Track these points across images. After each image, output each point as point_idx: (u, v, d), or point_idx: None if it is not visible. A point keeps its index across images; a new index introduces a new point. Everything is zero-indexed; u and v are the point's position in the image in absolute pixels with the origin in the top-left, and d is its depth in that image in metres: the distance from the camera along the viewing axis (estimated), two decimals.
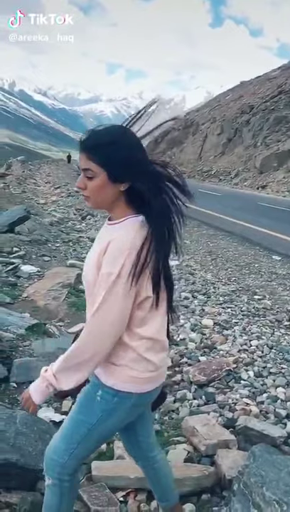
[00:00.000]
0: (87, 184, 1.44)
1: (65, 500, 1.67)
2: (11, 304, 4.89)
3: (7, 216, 9.06)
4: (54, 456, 1.62)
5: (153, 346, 1.53)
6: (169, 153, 43.81)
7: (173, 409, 3.09)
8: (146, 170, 1.44)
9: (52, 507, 1.68)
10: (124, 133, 1.45)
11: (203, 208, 14.67)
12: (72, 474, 1.63)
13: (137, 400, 1.55)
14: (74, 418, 1.60)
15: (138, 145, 1.45)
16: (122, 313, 1.42)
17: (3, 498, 2.08)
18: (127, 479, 2.26)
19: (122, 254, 1.37)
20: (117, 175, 1.41)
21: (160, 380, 1.62)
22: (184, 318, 4.89)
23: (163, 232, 1.45)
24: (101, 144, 1.41)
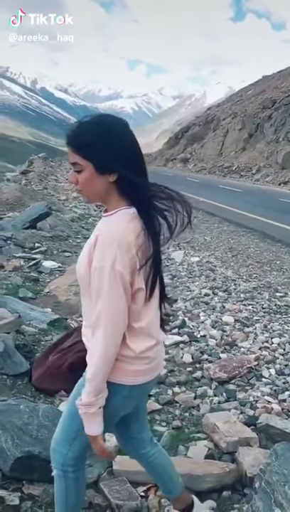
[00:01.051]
0: (77, 178, 1.44)
1: (71, 492, 1.68)
2: (33, 299, 4.95)
3: (29, 212, 9.16)
4: (56, 447, 1.65)
5: (145, 339, 1.52)
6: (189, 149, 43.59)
7: (193, 406, 3.08)
8: (133, 159, 1.42)
9: (60, 498, 1.70)
10: (109, 123, 1.42)
11: (224, 204, 14.58)
12: (75, 465, 1.65)
13: (130, 391, 1.54)
14: (70, 409, 1.61)
15: (124, 134, 1.42)
16: (126, 301, 1.42)
17: (26, 490, 2.12)
18: (148, 474, 2.26)
19: (112, 247, 1.36)
20: (103, 166, 1.39)
21: (155, 371, 1.61)
22: (204, 315, 4.88)
23: (154, 224, 1.44)
24: (84, 137, 1.40)
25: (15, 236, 7.67)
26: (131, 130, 1.46)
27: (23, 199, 12.38)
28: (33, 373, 1.76)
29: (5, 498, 2.02)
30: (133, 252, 1.38)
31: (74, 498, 1.70)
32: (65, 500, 1.69)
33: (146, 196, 1.43)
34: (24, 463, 2.15)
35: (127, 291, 1.41)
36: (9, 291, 5.01)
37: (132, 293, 1.44)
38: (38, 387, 1.77)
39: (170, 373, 3.53)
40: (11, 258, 6.34)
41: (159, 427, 2.82)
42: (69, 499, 1.69)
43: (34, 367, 1.79)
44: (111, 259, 1.35)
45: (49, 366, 1.73)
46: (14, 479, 2.15)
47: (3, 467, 2.16)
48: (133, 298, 1.46)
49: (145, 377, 1.56)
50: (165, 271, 6.87)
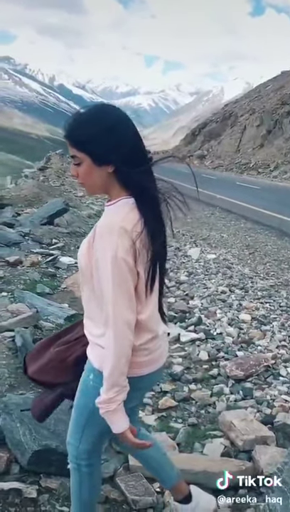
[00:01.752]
0: (77, 171, 1.43)
1: (85, 486, 1.68)
2: (50, 295, 4.99)
3: (47, 208, 9.23)
4: (70, 440, 1.66)
5: (145, 332, 1.49)
6: (206, 146, 43.33)
7: (209, 404, 3.07)
8: (131, 149, 1.39)
9: (75, 492, 1.72)
10: (104, 114, 1.40)
11: (241, 201, 14.47)
12: (88, 459, 1.65)
13: (136, 383, 1.51)
14: (77, 403, 1.61)
15: (121, 124, 1.40)
16: (132, 288, 1.39)
17: (44, 483, 2.14)
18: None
19: (111, 237, 1.34)
20: (100, 158, 1.38)
21: (157, 363, 1.59)
22: (221, 313, 4.85)
23: (152, 214, 1.41)
24: (79, 129, 1.39)
25: (33, 232, 7.74)
26: (129, 119, 1.43)
27: (41, 195, 12.47)
28: (29, 366, 1.72)
29: (23, 490, 2.05)
30: (133, 241, 1.35)
31: (88, 493, 1.71)
32: (79, 494, 1.71)
33: (142, 187, 1.40)
34: (41, 456, 2.17)
35: (133, 277, 1.39)
36: (27, 286, 5.06)
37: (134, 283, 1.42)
38: (36, 379, 1.74)
39: (186, 370, 3.53)
40: (29, 254, 6.40)
41: (175, 423, 2.83)
42: (83, 493, 1.70)
43: (29, 359, 1.76)
44: (113, 248, 1.33)
45: (51, 358, 1.68)
46: (32, 472, 2.18)
47: (21, 460, 2.19)
48: (135, 289, 1.43)
49: (148, 368, 1.54)
50: (182, 268, 6.85)
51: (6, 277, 5.26)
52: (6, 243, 6.79)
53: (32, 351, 1.79)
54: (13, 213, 10.01)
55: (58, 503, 2.05)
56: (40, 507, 2.01)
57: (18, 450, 2.20)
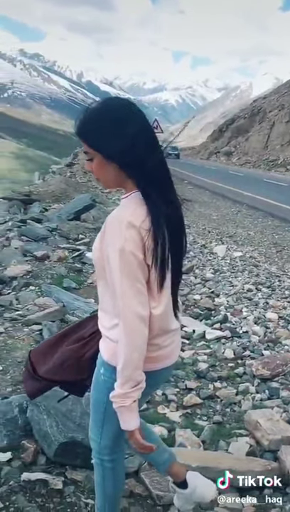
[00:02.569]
0: (91, 166, 1.43)
1: (108, 481, 1.69)
2: (76, 289, 5.05)
3: (74, 204, 9.32)
4: (91, 436, 1.67)
5: (155, 327, 1.45)
6: (233, 143, 42.88)
7: (235, 402, 3.05)
8: (139, 144, 1.35)
9: (99, 486, 1.72)
10: (113, 109, 1.38)
11: (268, 198, 14.26)
12: (111, 454, 1.65)
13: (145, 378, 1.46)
14: (92, 397, 1.61)
15: (129, 119, 1.37)
16: (142, 289, 1.37)
17: (69, 475, 2.17)
18: (188, 467, 2.26)
19: (120, 230, 1.33)
20: (108, 154, 1.37)
21: (167, 360, 1.56)
22: (247, 311, 4.81)
23: (160, 210, 1.37)
24: (88, 125, 1.38)
25: (60, 227, 7.83)
26: (138, 113, 1.40)
27: (68, 191, 12.62)
28: (38, 366, 1.68)
29: (49, 481, 2.08)
30: (142, 235, 1.34)
31: (112, 487, 1.72)
32: (102, 488, 1.72)
33: (149, 181, 1.38)
34: (68, 448, 2.20)
35: (143, 269, 1.36)
36: (54, 281, 5.13)
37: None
38: (49, 379, 1.70)
39: (211, 368, 3.51)
40: (56, 249, 6.48)
41: (200, 421, 2.82)
42: (106, 488, 1.71)
43: (36, 359, 1.72)
44: (121, 242, 1.32)
45: (67, 357, 1.66)
46: (58, 464, 2.21)
47: (47, 452, 2.22)
48: (147, 283, 1.40)
49: (157, 365, 1.52)
50: (207, 265, 6.81)
51: (33, 271, 5.34)
52: (34, 238, 6.90)
53: (37, 351, 1.75)
54: (40, 209, 10.16)
55: (83, 495, 2.08)
56: (66, 498, 2.04)
57: (45, 442, 2.24)
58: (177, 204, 1.48)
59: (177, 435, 2.55)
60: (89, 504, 2.02)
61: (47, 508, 1.98)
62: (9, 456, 2.21)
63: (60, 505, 2.01)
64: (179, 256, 1.52)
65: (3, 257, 6.08)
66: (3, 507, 1.91)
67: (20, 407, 2.43)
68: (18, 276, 5.17)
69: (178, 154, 42.63)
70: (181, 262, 1.55)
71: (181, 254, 1.54)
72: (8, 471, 2.12)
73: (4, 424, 2.33)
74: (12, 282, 5.06)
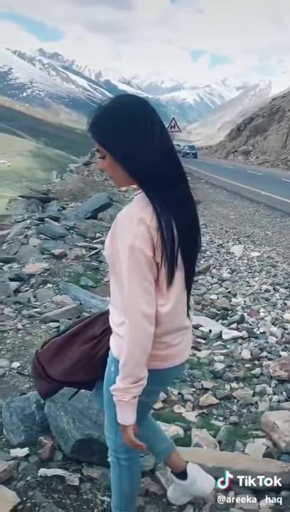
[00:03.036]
0: (104, 164, 1.43)
1: (125, 480, 1.69)
2: (93, 288, 5.07)
3: (91, 203, 9.37)
4: (108, 434, 1.67)
5: (164, 325, 1.45)
6: (252, 142, 42.51)
7: (251, 403, 3.02)
8: (146, 144, 1.33)
9: (115, 484, 1.73)
10: (123, 108, 1.37)
11: (287, 198, 14.11)
12: (127, 453, 1.65)
13: (149, 376, 1.45)
14: (105, 396, 1.60)
15: (139, 117, 1.35)
16: (149, 286, 1.36)
17: (86, 472, 2.18)
18: (204, 467, 2.26)
19: (130, 227, 1.33)
20: (114, 155, 1.37)
21: (176, 359, 1.54)
22: (264, 312, 4.77)
23: (163, 210, 1.34)
24: (98, 124, 1.38)
25: (77, 226, 7.88)
26: (151, 111, 1.39)
27: (85, 190, 12.69)
28: (50, 368, 1.67)
29: (66, 478, 2.09)
30: (152, 232, 1.33)
31: (129, 486, 1.72)
32: (119, 486, 1.73)
33: (152, 183, 1.37)
34: (84, 445, 2.21)
35: (151, 267, 1.36)
36: (71, 278, 5.16)
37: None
38: (63, 381, 1.67)
39: (228, 368, 3.49)
40: (73, 247, 6.52)
41: (216, 421, 2.80)
42: (123, 486, 1.72)
43: (47, 362, 1.70)
44: (130, 238, 1.32)
45: (80, 357, 1.65)
46: (74, 460, 2.22)
47: (64, 448, 2.24)
48: (156, 281, 1.40)
49: (163, 363, 1.51)
50: (224, 265, 6.78)
51: (51, 269, 5.39)
52: (51, 236, 6.96)
53: (46, 353, 1.71)
54: (58, 207, 10.24)
55: (100, 492, 2.08)
56: (82, 495, 2.05)
57: (62, 438, 2.25)
58: (188, 203, 1.46)
59: (193, 435, 2.54)
60: (105, 502, 2.03)
61: (63, 504, 2.00)
62: (26, 452, 2.24)
63: (76, 502, 2.02)
64: (193, 255, 1.51)
65: (22, 254, 6.15)
66: (21, 502, 1.93)
67: (37, 403, 2.45)
68: (36, 274, 5.22)
69: (196, 153, 42.47)
70: (195, 260, 1.54)
71: (195, 253, 1.52)
72: (25, 467, 2.15)
73: (22, 420, 2.36)
74: (30, 280, 5.11)
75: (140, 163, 1.35)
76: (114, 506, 1.78)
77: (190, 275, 1.52)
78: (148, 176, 1.37)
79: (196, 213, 1.51)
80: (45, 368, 1.69)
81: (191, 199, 1.48)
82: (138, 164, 1.36)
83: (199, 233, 1.52)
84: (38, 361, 1.71)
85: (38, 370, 1.73)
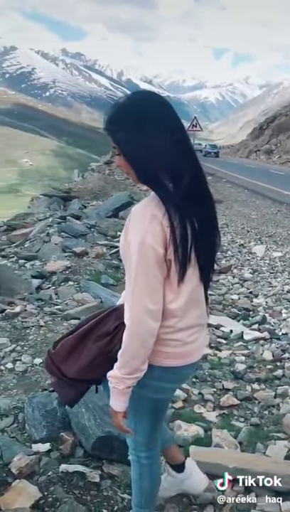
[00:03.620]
0: (121, 161, 1.42)
1: (145, 478, 1.70)
2: (114, 286, 5.09)
3: (112, 202, 9.40)
4: (127, 433, 1.65)
5: (175, 324, 1.44)
6: (274, 141, 41.99)
7: (273, 405, 2.99)
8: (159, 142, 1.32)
9: (135, 482, 1.73)
10: (138, 105, 1.36)
11: None
12: (147, 451, 1.66)
13: (162, 374, 1.48)
14: None
15: (152, 117, 1.34)
16: (159, 274, 1.35)
17: (106, 469, 2.19)
18: (225, 468, 2.24)
19: (143, 221, 1.32)
20: (126, 154, 1.37)
21: (189, 357, 1.52)
22: (287, 313, 4.71)
23: (175, 209, 1.33)
24: (113, 122, 1.37)
25: (98, 224, 7.92)
26: (165, 108, 1.38)
27: (106, 189, 12.75)
28: (65, 367, 1.66)
29: (86, 474, 2.11)
30: (165, 228, 1.33)
31: (149, 484, 1.73)
32: (139, 484, 1.73)
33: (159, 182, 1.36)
34: (105, 442, 2.22)
35: (161, 265, 1.35)
36: (92, 277, 5.19)
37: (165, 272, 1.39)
38: (80, 379, 1.66)
39: (249, 369, 3.45)
40: (94, 245, 6.56)
41: (237, 422, 2.78)
42: (143, 484, 1.72)
43: (60, 361, 1.69)
44: (142, 233, 1.32)
45: (96, 354, 1.64)
46: (95, 457, 2.24)
47: (85, 445, 2.25)
48: (167, 277, 1.39)
49: (177, 361, 1.49)
50: (246, 265, 6.72)
51: (72, 267, 5.43)
52: (73, 234, 7.01)
53: (60, 353, 1.69)
54: (79, 206, 10.31)
55: (120, 489, 2.09)
56: (103, 492, 2.06)
57: (83, 435, 2.27)
58: (205, 201, 1.44)
59: (213, 435, 2.53)
60: (125, 499, 2.03)
61: (84, 500, 2.01)
62: (48, 447, 2.26)
63: (96, 498, 2.03)
64: (209, 253, 1.50)
65: (44, 252, 6.21)
66: (42, 496, 1.95)
67: (59, 399, 2.47)
68: (57, 272, 5.27)
69: (218, 153, 42.04)
70: (212, 258, 1.52)
71: (212, 251, 1.51)
72: (46, 462, 2.17)
73: (44, 416, 2.38)
74: (52, 277, 5.16)
75: (149, 163, 1.34)
76: (135, 504, 1.79)
77: (207, 273, 1.51)
78: (158, 175, 1.35)
79: (214, 211, 1.49)
80: (60, 368, 1.68)
81: (209, 197, 1.47)
82: (147, 164, 1.35)
83: (217, 231, 1.51)
84: (52, 361, 1.70)
85: (52, 369, 1.72)
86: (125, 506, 2.00)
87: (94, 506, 1.99)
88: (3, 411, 2.53)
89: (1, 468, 2.13)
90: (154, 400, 1.55)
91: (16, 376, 2.99)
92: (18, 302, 4.37)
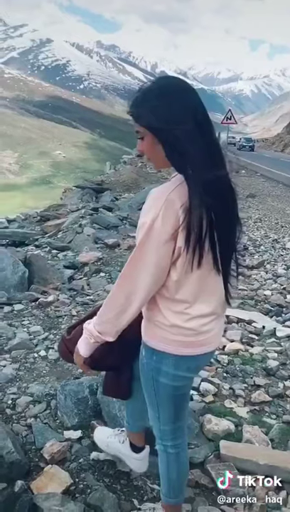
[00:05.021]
0: (142, 146, 1.42)
1: (173, 468, 1.70)
2: None
3: (144, 194, 9.39)
4: (151, 422, 1.69)
5: (184, 310, 1.44)
6: None
7: None
8: (185, 125, 1.32)
9: (163, 472, 1.74)
10: (164, 89, 1.36)
11: None
12: (173, 440, 1.66)
13: (177, 362, 1.48)
14: (142, 384, 1.62)
15: (181, 99, 1.34)
16: (157, 262, 1.35)
17: None
18: (256, 464, 2.22)
19: (157, 204, 1.31)
20: (157, 133, 1.36)
21: (203, 347, 1.51)
22: None
23: (196, 194, 1.31)
24: (139, 104, 1.38)
25: (130, 216, 7.94)
26: (193, 94, 1.38)
27: (139, 181, 12.75)
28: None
29: (117, 463, 2.13)
30: (179, 214, 1.31)
31: (177, 473, 1.73)
32: (167, 474, 1.73)
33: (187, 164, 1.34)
34: None
35: (164, 252, 1.34)
36: None
37: (174, 259, 1.37)
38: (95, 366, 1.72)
39: (281, 366, 3.39)
40: (126, 237, 6.58)
41: (268, 419, 2.74)
42: (171, 473, 1.72)
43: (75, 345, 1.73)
44: (153, 217, 1.31)
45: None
46: None
47: None
48: (175, 265, 1.38)
49: (191, 350, 1.49)
50: (279, 260, 6.60)
51: (104, 259, 5.47)
52: (105, 226, 7.06)
53: (74, 339, 1.70)
54: (112, 198, 10.38)
55: (150, 480, 2.10)
56: (133, 482, 2.08)
57: (114, 424, 2.28)
58: (225, 190, 1.41)
59: (244, 431, 2.50)
60: (155, 490, 2.04)
61: (114, 488, 2.03)
62: (79, 435, 2.29)
63: (126, 488, 2.05)
64: (229, 241, 1.46)
65: (76, 243, 6.29)
66: (73, 483, 1.99)
67: (90, 388, 2.50)
68: (89, 263, 5.32)
69: (253, 146, 41.19)
70: (232, 247, 1.48)
71: (232, 239, 1.47)
72: (78, 449, 2.20)
73: (76, 404, 2.41)
74: (84, 268, 5.22)
75: (177, 143, 1.34)
76: (163, 494, 1.80)
77: (227, 262, 1.47)
78: (185, 158, 1.34)
79: (235, 200, 1.46)
80: (73, 353, 1.70)
81: (230, 185, 1.43)
82: (176, 144, 1.34)
83: (238, 220, 1.48)
84: (66, 347, 1.75)
85: (65, 355, 1.78)
86: (155, 497, 2.01)
87: (124, 495, 2.01)
88: (36, 397, 2.58)
89: (33, 453, 2.18)
90: (173, 388, 1.56)
91: (49, 364, 3.04)
92: (51, 292, 4.44)
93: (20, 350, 3.15)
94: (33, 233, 8.62)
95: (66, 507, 1.81)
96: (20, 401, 2.54)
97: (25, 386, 2.70)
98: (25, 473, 2.04)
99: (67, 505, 1.83)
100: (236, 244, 1.49)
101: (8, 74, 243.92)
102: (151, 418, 1.69)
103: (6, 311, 4.04)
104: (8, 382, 2.73)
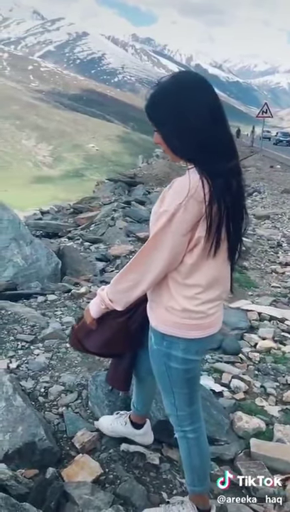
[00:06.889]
0: (159, 139, 1.46)
1: (194, 452, 1.71)
2: None
3: None
4: (168, 411, 1.72)
5: (196, 295, 1.49)
6: None
7: None
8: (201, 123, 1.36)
9: (186, 460, 1.75)
10: (177, 86, 1.39)
11: None
12: (191, 424, 1.68)
13: (187, 345, 1.53)
14: (154, 371, 1.66)
15: (194, 98, 1.37)
16: (173, 249, 1.41)
17: (165, 452, 2.22)
18: (287, 464, 2.19)
19: (181, 194, 1.35)
20: (166, 133, 1.42)
21: (210, 328, 1.57)
22: None
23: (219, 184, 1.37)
24: (150, 103, 1.43)
25: None
26: (207, 87, 1.41)
27: (171, 175, 12.67)
28: (88, 342, 1.80)
29: (146, 455, 2.14)
30: (201, 204, 1.36)
31: (199, 459, 1.73)
32: (189, 461, 1.74)
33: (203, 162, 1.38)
34: (165, 426, 2.22)
35: (180, 242, 1.41)
36: None
37: (192, 247, 1.44)
38: (102, 353, 1.97)
39: None
40: None
41: None
42: (193, 460, 1.73)
43: (83, 336, 1.77)
44: (174, 208, 1.36)
45: (118, 329, 1.74)
46: (155, 440, 2.25)
47: None
48: (192, 251, 1.44)
49: (199, 332, 1.54)
50: None
51: (135, 251, 5.47)
52: (137, 219, 7.07)
53: (82, 328, 1.79)
54: (144, 191, 10.38)
55: (179, 474, 2.10)
56: (162, 475, 2.09)
57: None
58: (236, 178, 1.45)
59: (275, 430, 2.47)
60: (183, 484, 2.04)
61: (143, 480, 2.04)
62: None
63: (155, 480, 2.06)
64: (238, 232, 1.52)
65: (108, 236, 6.33)
66: (103, 473, 2.01)
67: None
68: (121, 256, 5.35)
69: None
70: (238, 237, 1.54)
71: (240, 230, 1.53)
72: (108, 440, 2.22)
73: (106, 395, 2.43)
74: (115, 261, 5.25)
75: (184, 141, 1.39)
76: (188, 484, 1.80)
77: (234, 253, 1.56)
78: (195, 152, 1.39)
79: (243, 193, 1.52)
80: (81, 342, 1.81)
81: (240, 178, 1.49)
82: (182, 142, 1.40)
83: (245, 212, 1.53)
84: (76, 336, 1.83)
85: (75, 343, 1.87)
86: (183, 491, 2.01)
87: (154, 488, 2.02)
88: (68, 386, 2.62)
89: (64, 441, 2.22)
90: (184, 371, 1.60)
91: (80, 354, 3.07)
92: (83, 283, 4.49)
93: (53, 339, 3.20)
94: (66, 225, 8.72)
95: (96, 496, 1.84)
96: (53, 390, 2.58)
97: (57, 375, 2.75)
98: (57, 460, 2.08)
99: (97, 494, 1.85)
100: (242, 235, 1.57)
101: (45, 67, 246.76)
102: (166, 407, 1.72)
103: (40, 301, 4.11)
104: (41, 371, 2.77)
